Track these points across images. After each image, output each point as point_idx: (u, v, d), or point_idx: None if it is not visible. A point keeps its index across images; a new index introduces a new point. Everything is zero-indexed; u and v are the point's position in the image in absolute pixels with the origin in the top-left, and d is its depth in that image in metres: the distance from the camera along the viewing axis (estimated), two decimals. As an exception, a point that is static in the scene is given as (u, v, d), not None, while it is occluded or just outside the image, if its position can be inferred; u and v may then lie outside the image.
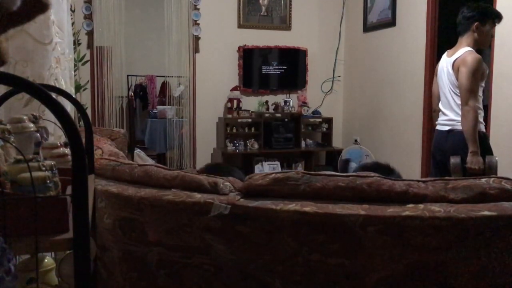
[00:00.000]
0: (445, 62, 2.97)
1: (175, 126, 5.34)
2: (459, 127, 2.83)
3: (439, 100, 3.07)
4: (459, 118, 2.83)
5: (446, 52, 3.07)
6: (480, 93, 2.87)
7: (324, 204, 1.37)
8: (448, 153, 2.90)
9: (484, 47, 3.10)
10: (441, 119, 3.03)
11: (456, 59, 2.85)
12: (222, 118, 5.33)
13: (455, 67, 2.84)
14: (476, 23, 2.85)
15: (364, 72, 5.43)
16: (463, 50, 2.84)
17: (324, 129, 5.65)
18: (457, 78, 2.82)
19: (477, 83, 2.78)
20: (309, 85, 5.69)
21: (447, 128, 2.95)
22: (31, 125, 1.19)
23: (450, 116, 2.93)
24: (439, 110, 3.07)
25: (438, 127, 3.04)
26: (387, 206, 1.33)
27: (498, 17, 2.92)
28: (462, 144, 2.81)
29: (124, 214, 1.62)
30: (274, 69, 5.54)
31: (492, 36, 2.97)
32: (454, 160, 2.81)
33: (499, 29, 3.57)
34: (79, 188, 0.76)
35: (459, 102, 2.83)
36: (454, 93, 2.88)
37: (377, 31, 5.15)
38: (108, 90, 5.00)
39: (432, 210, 1.29)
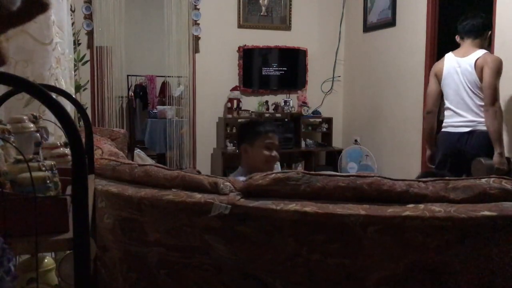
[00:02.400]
0: (457, 63, 2.93)
1: (175, 126, 5.33)
2: (481, 127, 2.81)
3: (437, 101, 3.06)
4: (479, 119, 2.82)
5: (452, 53, 3.04)
6: None
7: (324, 204, 1.37)
8: (470, 154, 2.85)
9: None
10: (455, 120, 2.97)
11: (478, 58, 2.83)
12: (222, 118, 5.33)
13: (478, 67, 2.80)
14: (489, 32, 2.99)
15: (364, 72, 5.42)
16: (482, 52, 2.85)
17: (324, 129, 5.65)
18: (480, 78, 2.78)
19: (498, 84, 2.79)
20: (309, 85, 5.69)
21: (467, 129, 2.88)
22: (31, 125, 1.19)
23: (468, 117, 2.88)
24: (436, 111, 3.06)
25: (453, 129, 2.98)
26: (387, 206, 1.33)
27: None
28: (487, 145, 2.77)
29: (124, 214, 1.62)
30: (274, 69, 5.54)
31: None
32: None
33: (499, 29, 3.57)
34: (79, 188, 0.76)
35: (478, 102, 2.82)
36: (474, 93, 2.85)
37: (377, 31, 5.15)
38: (108, 90, 5.00)
39: (432, 210, 1.29)
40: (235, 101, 5.31)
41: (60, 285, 1.15)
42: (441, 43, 4.41)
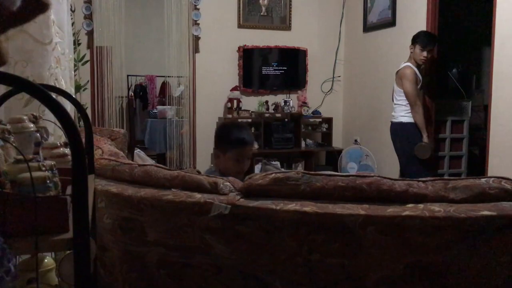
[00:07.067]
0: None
1: (175, 126, 5.33)
2: (392, 119, 3.97)
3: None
4: (394, 114, 3.95)
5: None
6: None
7: (324, 204, 1.37)
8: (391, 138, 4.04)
9: (419, 64, 3.94)
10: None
11: (398, 71, 3.91)
12: (222, 118, 5.33)
13: (397, 77, 3.90)
14: (416, 45, 3.85)
15: (364, 72, 5.42)
16: (402, 65, 3.88)
17: (324, 129, 5.65)
18: (398, 85, 3.88)
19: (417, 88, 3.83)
20: (309, 85, 5.69)
21: (390, 120, 4.02)
22: (31, 125, 1.19)
23: (392, 113, 4.00)
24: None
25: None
26: (387, 206, 1.33)
27: (422, 43, 3.81)
28: (395, 131, 3.99)
29: (124, 214, 1.62)
30: (274, 69, 5.54)
31: (425, 57, 3.83)
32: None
33: (499, 29, 3.57)
34: (79, 188, 0.76)
35: (395, 102, 3.92)
36: (395, 96, 3.93)
37: (377, 31, 5.14)
38: (108, 90, 4.99)
39: (432, 210, 1.29)
40: (235, 101, 5.31)
41: (60, 285, 1.15)
42: (441, 43, 4.40)
